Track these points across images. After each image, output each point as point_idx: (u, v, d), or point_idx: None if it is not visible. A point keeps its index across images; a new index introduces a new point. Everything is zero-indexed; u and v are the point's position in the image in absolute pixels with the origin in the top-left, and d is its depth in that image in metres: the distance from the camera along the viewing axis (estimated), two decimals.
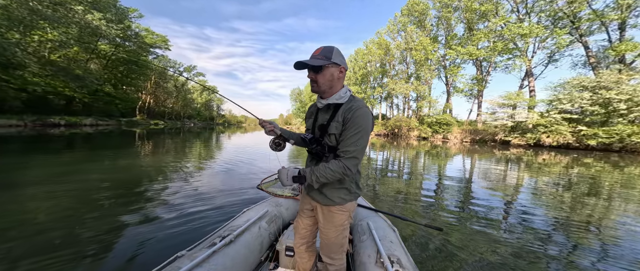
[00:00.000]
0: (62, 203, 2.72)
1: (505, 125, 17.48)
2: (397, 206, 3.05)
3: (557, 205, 3.44)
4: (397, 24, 30.33)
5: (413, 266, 1.05)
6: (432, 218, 2.64)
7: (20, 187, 3.22)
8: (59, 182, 3.59)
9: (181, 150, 8.24)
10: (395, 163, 7.46)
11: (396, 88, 28.22)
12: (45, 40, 18.92)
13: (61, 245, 1.80)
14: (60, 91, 19.57)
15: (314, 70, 0.84)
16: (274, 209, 1.64)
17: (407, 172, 5.93)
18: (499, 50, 20.52)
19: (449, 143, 18.01)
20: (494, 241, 2.11)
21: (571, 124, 14.52)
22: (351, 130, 0.81)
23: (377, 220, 1.47)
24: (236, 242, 1.15)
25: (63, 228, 2.09)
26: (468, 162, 8.45)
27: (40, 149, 6.89)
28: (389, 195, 3.58)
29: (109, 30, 22.74)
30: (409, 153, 10.87)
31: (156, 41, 33.12)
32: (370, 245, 1.18)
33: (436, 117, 23.37)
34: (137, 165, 5.04)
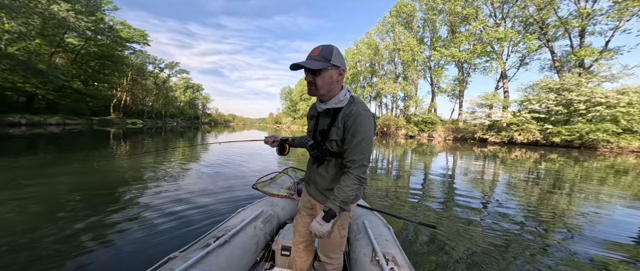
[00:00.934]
0: (32, 209, 2.46)
1: (483, 124, 18.76)
2: (390, 203, 3.13)
3: (530, 197, 3.76)
4: (386, 25, 31.14)
5: (408, 263, 1.07)
6: (424, 215, 2.72)
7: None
8: (24, 185, 3.24)
9: (166, 150, 7.81)
10: (385, 161, 7.69)
11: (385, 88, 29.01)
12: (1, 31, 16.98)
13: (39, 250, 1.71)
14: (20, 87, 17.70)
15: (312, 72, 0.79)
16: (269, 209, 1.63)
17: (397, 170, 6.09)
18: (478, 53, 21.95)
19: (433, 141, 18.95)
20: (481, 236, 2.21)
21: (539, 123, 15.90)
22: (355, 138, 0.78)
23: (372, 219, 1.49)
24: (231, 242, 1.14)
25: (40, 233, 1.96)
26: (451, 159, 8.87)
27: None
28: (380, 193, 3.66)
29: (78, 22, 20.94)
30: (398, 151, 11.13)
31: (133, 36, 31.04)
32: (366, 244, 1.19)
33: (422, 116, 24.39)
34: (119, 167, 4.77)
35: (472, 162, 7.72)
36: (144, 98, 42.68)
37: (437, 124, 23.32)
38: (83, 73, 26.38)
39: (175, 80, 56.86)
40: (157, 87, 46.16)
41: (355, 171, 0.79)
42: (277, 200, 1.79)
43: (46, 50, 21.28)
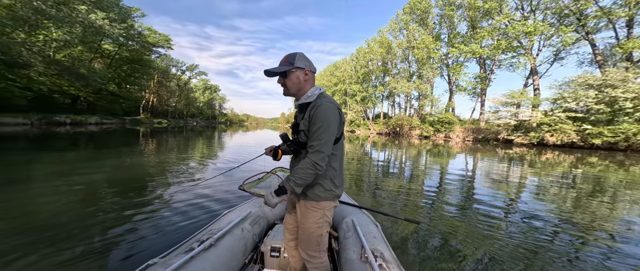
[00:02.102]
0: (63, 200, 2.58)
1: (508, 124, 17.21)
2: (386, 203, 3.02)
3: (560, 202, 3.36)
4: (399, 22, 29.89)
5: (395, 259, 1.09)
6: (432, 217, 2.58)
7: (20, 184, 3.23)
8: (62, 178, 3.49)
9: (176, 149, 8.09)
10: (397, 162, 7.28)
11: (398, 87, 27.93)
12: (50, 40, 18.80)
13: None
14: (65, 90, 19.54)
15: (281, 75, 0.90)
16: (257, 210, 1.58)
17: (407, 171, 5.84)
18: (502, 48, 20.07)
19: (451, 142, 17.79)
20: (505, 241, 2.04)
21: (576, 123, 14.21)
22: (314, 125, 0.83)
23: (361, 217, 1.51)
24: (217, 246, 1.09)
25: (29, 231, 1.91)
26: (469, 160, 8.27)
27: (45, 147, 6.86)
28: (389, 194, 3.44)
29: (112, 29, 22.60)
30: (410, 151, 10.62)
31: (159, 40, 32.94)
32: (355, 241, 1.20)
33: (438, 116, 22.95)
34: (118, 166, 4.66)
35: (494, 164, 7.19)
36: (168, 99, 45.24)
37: (455, 124, 21.87)
38: (117, 76, 28.50)
39: (195, 81, 59.66)
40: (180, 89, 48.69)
41: (311, 156, 0.81)
42: None
43: (87, 56, 23.23)
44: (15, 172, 3.89)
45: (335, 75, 45.51)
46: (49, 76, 17.90)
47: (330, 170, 0.90)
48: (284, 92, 0.93)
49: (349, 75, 41.30)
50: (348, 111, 37.12)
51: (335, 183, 0.93)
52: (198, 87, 62.79)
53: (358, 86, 37.47)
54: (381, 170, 5.81)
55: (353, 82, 39.47)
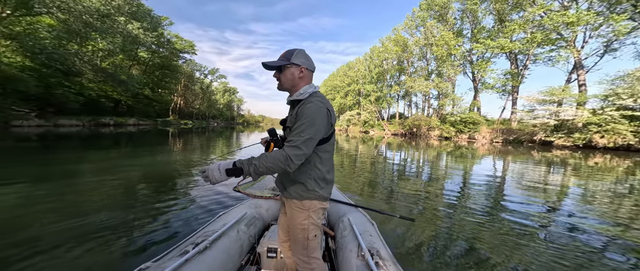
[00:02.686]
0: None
1: (547, 124, 15.29)
2: (401, 205, 2.97)
3: (611, 214, 2.93)
4: (416, 19, 28.48)
5: (391, 256, 1.09)
6: (453, 222, 2.42)
7: (69, 177, 3.65)
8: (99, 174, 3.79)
9: (199, 149, 8.47)
10: (413, 164, 6.93)
11: (414, 86, 26.64)
12: (97, 50, 20.99)
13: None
14: (109, 95, 21.72)
15: (277, 70, 0.89)
16: (253, 211, 1.56)
17: (424, 173, 5.54)
18: (538, 42, 17.81)
19: (476, 144, 16.43)
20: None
21: (633, 122, 12.20)
22: (298, 121, 0.79)
23: (357, 215, 1.50)
24: (212, 248, 1.07)
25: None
26: (498, 163, 7.61)
27: (93, 146, 7.75)
28: (402, 196, 3.26)
29: (146, 38, 24.60)
30: (427, 153, 10.00)
31: (185, 47, 35.14)
32: (352, 240, 1.19)
33: (461, 116, 21.30)
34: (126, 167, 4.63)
35: (528, 168, 6.46)
36: (193, 102, 48.18)
37: (481, 124, 20.07)
38: (150, 81, 30.98)
39: (216, 84, 62.79)
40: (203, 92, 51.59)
41: (287, 149, 0.76)
42: (261, 202, 1.71)
43: (126, 63, 25.51)
44: (67, 166, 4.43)
45: (349, 75, 44.83)
46: (97, 82, 20.01)
47: (314, 171, 0.86)
48: (278, 86, 0.92)
49: (363, 75, 40.43)
50: (362, 111, 36.35)
51: (319, 184, 0.88)
52: (218, 90, 66.02)
53: (372, 86, 36.52)
54: (396, 171, 5.57)
55: (367, 82, 38.57)
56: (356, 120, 35.91)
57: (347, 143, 13.97)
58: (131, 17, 22.42)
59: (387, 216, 2.02)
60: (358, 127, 34.79)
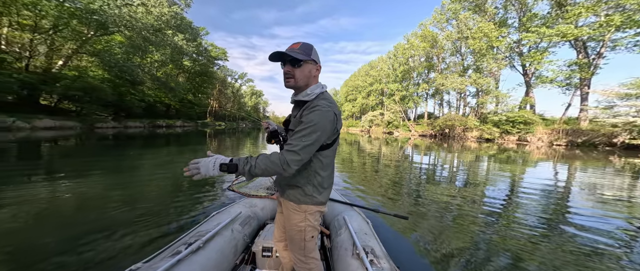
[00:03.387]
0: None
1: (633, 124, 12.18)
2: (378, 200, 2.87)
3: None
4: (446, 12, 25.96)
5: (385, 254, 1.09)
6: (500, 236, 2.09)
7: (128, 171, 4.00)
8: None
9: (230, 148, 8.93)
10: (444, 168, 6.22)
11: (446, 84, 24.32)
12: (153, 61, 24.23)
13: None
14: (162, 100, 24.92)
15: (292, 63, 0.79)
16: (248, 210, 1.53)
17: (459, 178, 4.82)
18: (616, 25, 14.29)
19: (529, 147, 14.01)
20: None
21: None
22: (302, 124, 0.74)
23: (352, 214, 1.48)
24: (206, 248, 1.04)
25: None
26: (560, 169, 6.20)
27: (150, 144, 8.99)
28: (435, 205, 2.88)
29: (188, 48, 27.49)
30: (463, 156, 8.81)
31: (218, 54, 38.34)
32: (347, 238, 1.19)
33: (507, 115, 18.30)
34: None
35: (605, 176, 5.15)
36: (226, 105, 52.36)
37: (536, 124, 16.87)
38: (192, 87, 34.57)
39: (245, 88, 67.09)
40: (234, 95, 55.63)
41: (286, 154, 0.72)
42: (256, 201, 1.68)
43: (174, 72, 28.86)
44: (125, 161, 5.02)
45: (371, 74, 43.36)
46: (153, 90, 23.13)
47: (315, 176, 0.83)
48: (291, 83, 0.81)
49: (386, 73, 38.62)
50: (385, 112, 34.69)
51: (318, 189, 0.85)
52: (247, 93, 70.49)
53: (396, 85, 34.58)
54: (422, 175, 5.09)
55: (391, 81, 36.70)
56: (379, 121, 34.41)
57: (369, 144, 13.29)
58: (176, 29, 25.24)
59: (382, 214, 1.98)
60: (381, 128, 33.27)
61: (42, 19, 13.00)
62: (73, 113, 14.62)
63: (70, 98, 14.02)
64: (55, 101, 14.96)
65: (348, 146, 11.76)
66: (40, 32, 13.47)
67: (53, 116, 12.66)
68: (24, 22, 12.81)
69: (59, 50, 15.36)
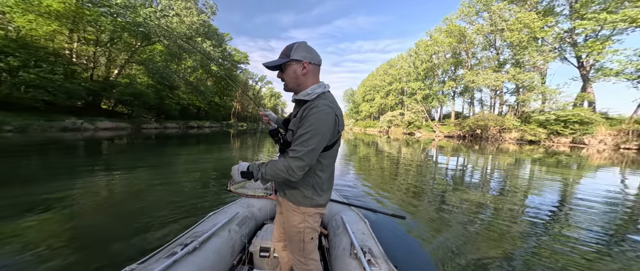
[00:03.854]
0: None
1: None
2: (376, 200, 2.80)
3: None
4: (476, 5, 23.77)
5: (383, 254, 1.10)
6: None
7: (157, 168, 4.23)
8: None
9: (251, 148, 9.23)
10: (474, 173, 5.47)
11: (478, 81, 22.28)
12: (186, 67, 26.50)
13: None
14: (194, 103, 27.13)
15: (279, 69, 0.82)
16: (245, 210, 1.52)
17: (493, 184, 4.24)
18: None
19: (587, 150, 11.79)
20: None
21: None
22: (303, 128, 0.73)
23: (349, 214, 1.49)
24: (202, 248, 1.04)
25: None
26: (632, 178, 5.09)
27: (183, 144, 9.79)
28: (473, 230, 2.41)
29: (215, 53, 29.48)
30: (500, 160, 7.64)
31: (241, 58, 40.46)
32: (345, 238, 1.19)
33: (557, 113, 15.93)
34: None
35: None
36: (247, 106, 54.99)
37: (596, 124, 14.56)
38: (218, 91, 37.01)
39: (264, 90, 69.79)
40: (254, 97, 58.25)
41: (291, 161, 0.73)
42: (253, 201, 1.67)
43: (203, 76, 31.18)
44: (161, 158, 5.50)
45: (390, 73, 41.81)
46: (187, 94, 25.30)
47: (314, 178, 0.83)
48: (284, 87, 0.84)
49: (407, 72, 36.82)
50: (405, 111, 33.04)
51: (317, 191, 0.84)
52: (266, 95, 73.27)
53: (418, 83, 32.73)
54: (449, 179, 4.59)
55: (412, 80, 34.84)
56: (399, 121, 32.85)
57: (388, 145, 12.70)
58: (205, 36, 27.27)
59: (380, 214, 1.97)
60: (401, 129, 31.78)
61: (101, 33, 15.06)
62: (125, 116, 16.62)
63: (123, 102, 15.99)
64: (112, 105, 17.19)
65: (365, 147, 11.54)
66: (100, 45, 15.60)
67: (111, 118, 14.49)
68: (89, 36, 14.97)
69: (114, 61, 17.60)
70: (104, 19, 14.05)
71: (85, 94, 13.01)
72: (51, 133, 10.08)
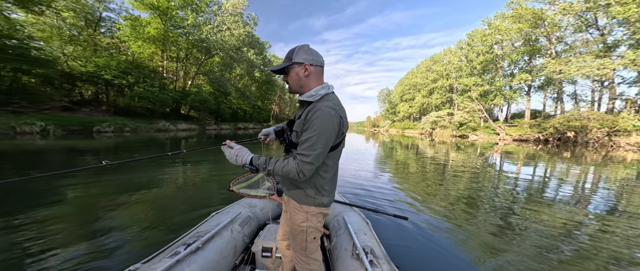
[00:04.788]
0: None
1: None
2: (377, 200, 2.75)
3: None
4: None
5: (385, 255, 1.11)
6: None
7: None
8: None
9: (276, 148, 9.43)
10: (562, 189, 3.90)
11: (568, 70, 17.82)
12: (236, 75, 30.26)
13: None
14: (241, 107, 30.75)
15: (284, 73, 0.85)
16: (247, 211, 1.53)
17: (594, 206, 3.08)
18: None
19: None
20: None
21: None
22: (309, 132, 0.76)
23: (351, 214, 1.51)
24: (205, 248, 1.05)
25: None
26: None
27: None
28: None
29: (257, 61, 32.71)
30: (610, 172, 5.56)
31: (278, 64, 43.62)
32: (347, 239, 1.20)
33: None
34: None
35: None
36: (284, 109, 58.93)
37: None
38: (261, 95, 40.86)
39: None
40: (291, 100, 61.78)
41: (300, 164, 0.77)
42: (256, 201, 1.69)
43: (249, 83, 34.97)
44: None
45: (434, 70, 37.87)
46: (236, 99, 28.88)
47: (317, 178, 0.85)
48: (289, 90, 0.87)
49: (456, 67, 32.56)
50: (455, 111, 29.08)
51: (320, 191, 0.86)
52: None
53: (473, 78, 28.52)
54: (518, 193, 3.58)
55: (464, 75, 30.46)
56: (446, 122, 29.09)
57: (432, 149, 11.35)
58: (249, 46, 30.57)
59: (382, 215, 1.96)
60: (449, 130, 28.00)
61: (180, 51, 18.76)
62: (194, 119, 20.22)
63: (194, 108, 19.47)
64: (187, 110, 21.17)
65: (403, 150, 10.55)
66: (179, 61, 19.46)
67: (186, 121, 17.93)
68: (172, 55, 18.85)
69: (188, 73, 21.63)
70: (181, 39, 17.46)
71: (171, 102, 16.42)
72: (150, 133, 13.20)
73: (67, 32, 13.15)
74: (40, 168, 4.07)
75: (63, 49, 12.91)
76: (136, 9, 15.70)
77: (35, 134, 9.06)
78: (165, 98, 15.25)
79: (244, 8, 30.56)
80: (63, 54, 12.89)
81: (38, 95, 10.52)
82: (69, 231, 1.85)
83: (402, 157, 7.65)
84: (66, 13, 12.78)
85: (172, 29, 17.01)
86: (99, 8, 15.69)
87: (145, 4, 15.22)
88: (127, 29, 15.42)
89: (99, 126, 11.71)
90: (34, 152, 5.66)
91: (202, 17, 19.97)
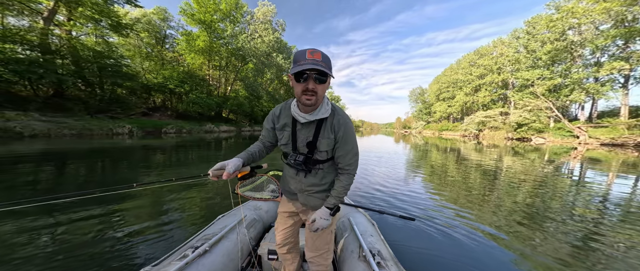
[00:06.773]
0: None
1: None
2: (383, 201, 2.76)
3: None
4: None
5: (392, 257, 1.12)
6: None
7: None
8: None
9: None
10: None
11: None
12: (266, 80, 32.92)
13: None
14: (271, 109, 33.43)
15: (320, 79, 0.74)
16: (253, 213, 1.59)
17: None
18: None
19: None
20: None
21: None
22: (347, 146, 0.85)
23: (357, 216, 1.53)
24: (212, 252, 1.09)
25: None
26: None
27: None
28: None
29: (285, 64, 34.92)
30: None
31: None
32: (353, 241, 1.23)
33: None
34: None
35: None
36: None
37: None
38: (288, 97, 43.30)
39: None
40: None
41: (353, 172, 0.89)
42: (261, 204, 1.74)
43: (278, 86, 37.52)
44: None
45: (480, 64, 34.17)
46: (267, 101, 31.49)
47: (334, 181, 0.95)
48: (309, 101, 0.77)
49: (512, 59, 28.63)
50: (511, 109, 25.64)
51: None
52: None
53: (537, 71, 24.65)
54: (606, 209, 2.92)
55: (523, 67, 26.62)
56: (498, 122, 25.77)
57: (479, 154, 9.75)
58: (278, 51, 32.88)
59: (389, 216, 1.96)
60: (502, 132, 24.76)
61: (221, 60, 21.66)
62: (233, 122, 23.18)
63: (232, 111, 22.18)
64: (227, 114, 24.27)
65: (432, 153, 9.47)
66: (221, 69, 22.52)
67: (226, 123, 20.80)
68: (215, 64, 21.88)
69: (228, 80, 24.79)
70: (222, 49, 20.15)
71: (215, 106, 19.17)
72: (200, 134, 15.83)
73: (144, 50, 16.85)
74: (128, 159, 5.18)
75: (142, 64, 16.68)
76: (189, 25, 19.19)
77: (124, 135, 12.06)
78: (211, 103, 18.00)
79: (273, 15, 33.32)
80: (142, 68, 16.72)
81: (128, 103, 13.95)
82: (80, 236, 1.89)
83: (422, 160, 7.21)
84: (143, 34, 16.34)
85: (216, 40, 19.84)
86: (164, 27, 19.55)
87: (195, 19, 18.59)
88: (183, 43, 18.72)
89: (165, 128, 14.92)
90: (125, 149, 7.30)
91: (238, 27, 22.74)
